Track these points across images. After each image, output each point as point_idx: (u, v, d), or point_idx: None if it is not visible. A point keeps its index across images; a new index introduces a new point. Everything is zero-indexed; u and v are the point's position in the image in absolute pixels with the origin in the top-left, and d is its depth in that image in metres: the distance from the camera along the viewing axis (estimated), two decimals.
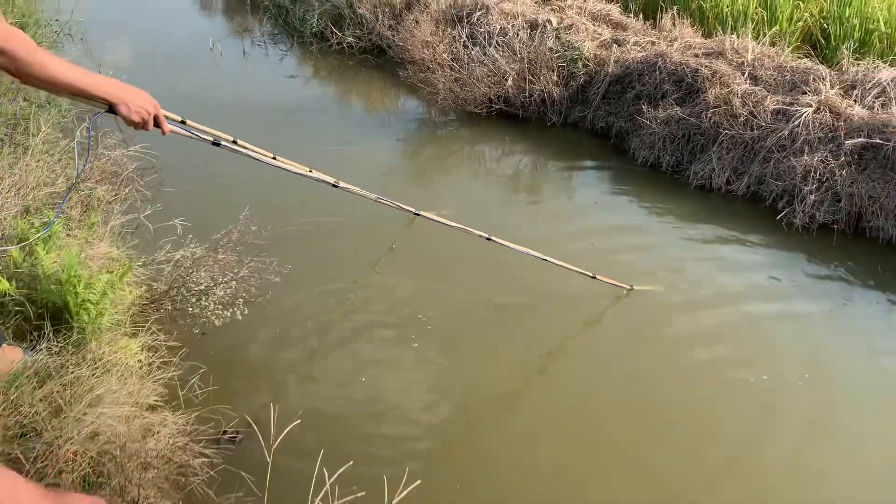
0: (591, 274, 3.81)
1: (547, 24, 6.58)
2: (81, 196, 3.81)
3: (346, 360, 3.50)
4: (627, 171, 5.42)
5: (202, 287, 3.44)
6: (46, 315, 2.95)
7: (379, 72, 7.57)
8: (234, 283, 3.52)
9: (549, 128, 6.13)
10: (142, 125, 2.10)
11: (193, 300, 3.42)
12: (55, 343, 2.76)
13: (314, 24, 8.15)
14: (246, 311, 3.47)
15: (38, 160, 3.77)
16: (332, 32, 8.01)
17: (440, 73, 6.24)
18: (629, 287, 3.95)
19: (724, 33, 6.29)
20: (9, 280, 2.94)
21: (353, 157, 5.64)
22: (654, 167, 5.37)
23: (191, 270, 3.47)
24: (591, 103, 6.01)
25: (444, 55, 6.39)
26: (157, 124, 2.17)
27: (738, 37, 6.06)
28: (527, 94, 6.09)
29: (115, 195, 3.94)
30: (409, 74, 6.46)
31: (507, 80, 6.15)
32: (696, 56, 5.74)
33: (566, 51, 6.11)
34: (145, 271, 3.70)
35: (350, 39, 7.88)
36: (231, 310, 3.45)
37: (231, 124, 5.97)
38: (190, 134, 2.49)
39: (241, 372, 3.40)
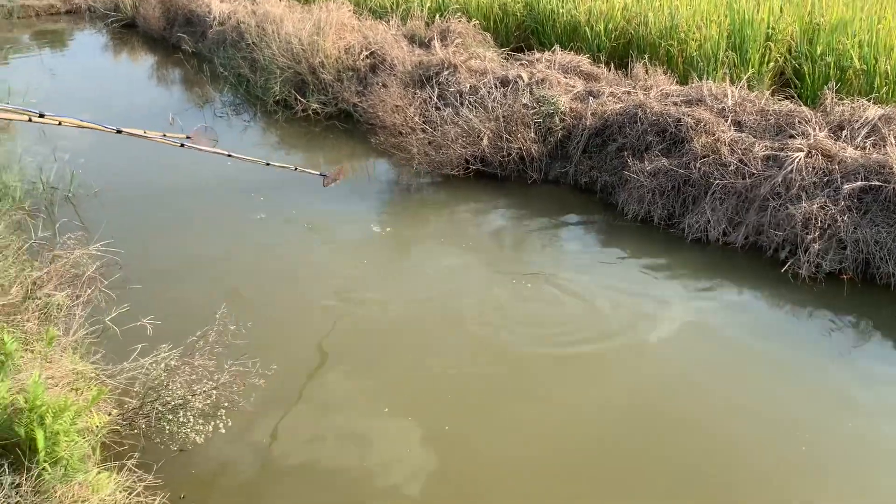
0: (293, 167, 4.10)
1: (518, 79, 6.43)
2: (38, 304, 3.45)
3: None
4: (618, 227, 5.20)
5: (179, 400, 3.09)
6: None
7: (347, 137, 7.34)
8: (214, 391, 3.18)
9: (531, 185, 5.91)
10: None
11: (170, 416, 3.06)
12: (11, 489, 2.39)
13: (277, 92, 7.92)
14: (230, 423, 3.13)
15: None
16: (296, 99, 7.78)
17: (413, 137, 6.01)
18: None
19: (698, 79, 6.19)
20: None
21: (326, 228, 5.38)
22: (646, 221, 5.16)
23: (165, 382, 3.12)
24: (572, 158, 5.82)
25: (416, 118, 6.18)
26: None
27: (713, 81, 5.96)
28: (504, 152, 5.88)
29: (77, 299, 3.58)
30: (381, 140, 6.22)
31: (482, 139, 5.95)
32: (676, 104, 5.60)
33: (541, 106, 5.93)
34: (115, 383, 3.34)
35: (315, 106, 7.66)
36: (213, 422, 3.10)
37: (202, 203, 5.74)
38: None
39: (229, 495, 3.04)
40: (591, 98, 6.07)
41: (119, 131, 3.90)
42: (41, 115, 3.68)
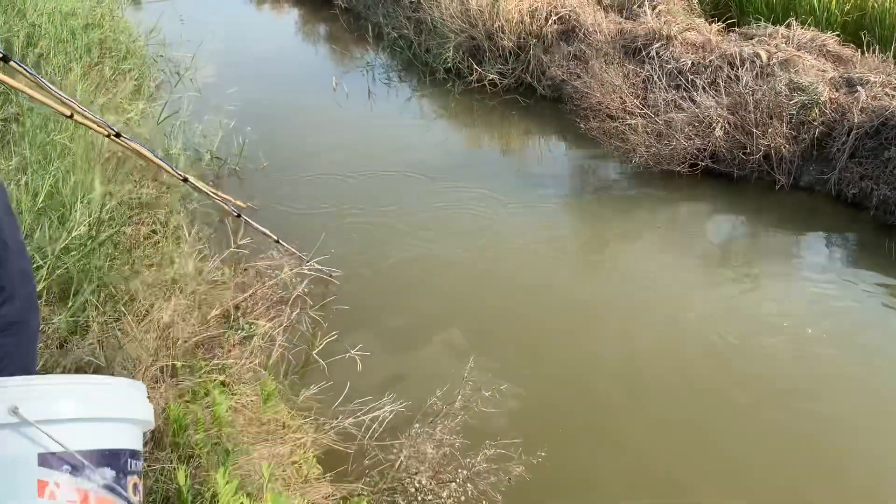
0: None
1: (755, 58, 5.32)
2: (238, 336, 2.73)
3: None
4: None
5: (429, 496, 2.31)
6: None
7: (527, 115, 6.40)
8: (468, 485, 2.38)
9: (777, 191, 4.83)
10: None
11: None
12: None
13: (449, 59, 7.03)
14: None
15: (186, 284, 2.72)
16: (469, 68, 6.88)
17: (635, 122, 5.03)
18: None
19: None
20: None
21: (517, 216, 4.68)
22: None
23: (412, 470, 2.34)
24: (835, 162, 4.70)
25: (635, 101, 5.20)
26: None
27: None
28: (748, 149, 4.83)
29: (279, 325, 2.86)
30: (593, 126, 5.26)
31: (714, 130, 4.91)
32: None
33: (797, 95, 4.83)
34: (325, 442, 2.61)
35: (493, 76, 6.74)
36: None
37: (394, 194, 4.97)
38: None
39: None
40: (859, 88, 4.90)
41: (185, 180, 3.01)
42: (118, 135, 2.80)
